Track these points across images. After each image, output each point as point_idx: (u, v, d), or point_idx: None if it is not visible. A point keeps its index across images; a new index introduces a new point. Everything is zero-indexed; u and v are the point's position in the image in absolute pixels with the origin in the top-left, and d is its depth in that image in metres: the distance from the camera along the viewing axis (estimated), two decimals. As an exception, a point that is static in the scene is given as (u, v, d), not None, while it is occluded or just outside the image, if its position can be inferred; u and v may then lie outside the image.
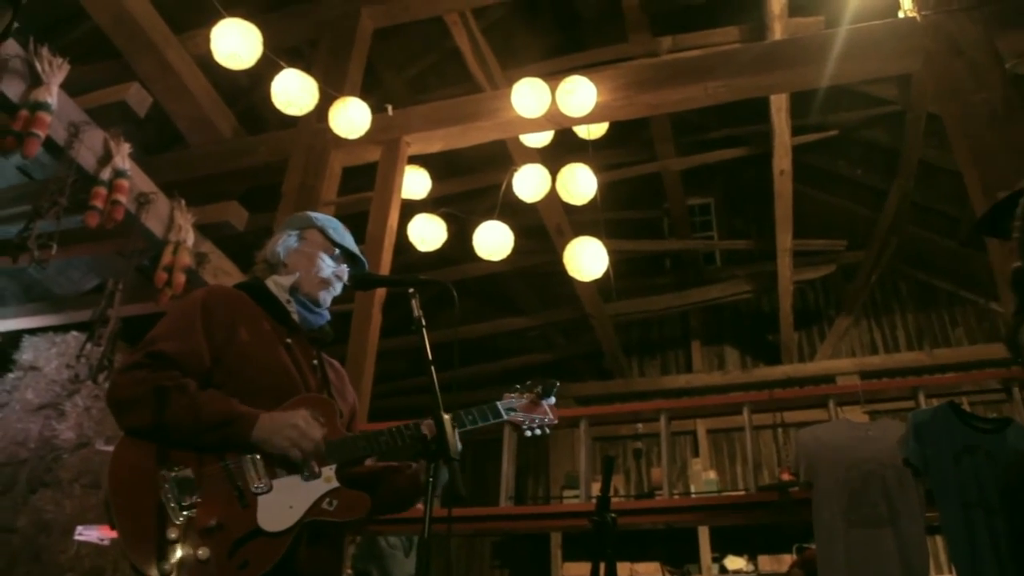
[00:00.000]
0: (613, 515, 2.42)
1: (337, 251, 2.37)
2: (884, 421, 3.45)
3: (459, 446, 2.03)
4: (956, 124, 4.07)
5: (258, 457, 1.94)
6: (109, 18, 4.98)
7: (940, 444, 3.09)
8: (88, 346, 4.65)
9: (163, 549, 1.78)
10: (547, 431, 2.36)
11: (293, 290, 2.28)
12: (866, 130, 7.56)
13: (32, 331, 6.37)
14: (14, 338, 6.36)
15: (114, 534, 1.84)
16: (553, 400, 2.41)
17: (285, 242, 2.33)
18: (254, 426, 1.93)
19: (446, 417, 1.92)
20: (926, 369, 7.81)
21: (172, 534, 1.80)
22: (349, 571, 4.78)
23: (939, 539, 6.18)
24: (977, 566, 2.82)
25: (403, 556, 4.92)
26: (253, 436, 1.92)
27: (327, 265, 2.33)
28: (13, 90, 3.75)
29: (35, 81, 3.81)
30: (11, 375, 6.26)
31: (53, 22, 5.50)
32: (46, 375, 6.19)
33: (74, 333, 6.23)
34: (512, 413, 2.31)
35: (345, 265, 2.38)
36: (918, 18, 4.29)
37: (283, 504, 1.91)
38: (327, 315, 2.36)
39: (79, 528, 4.86)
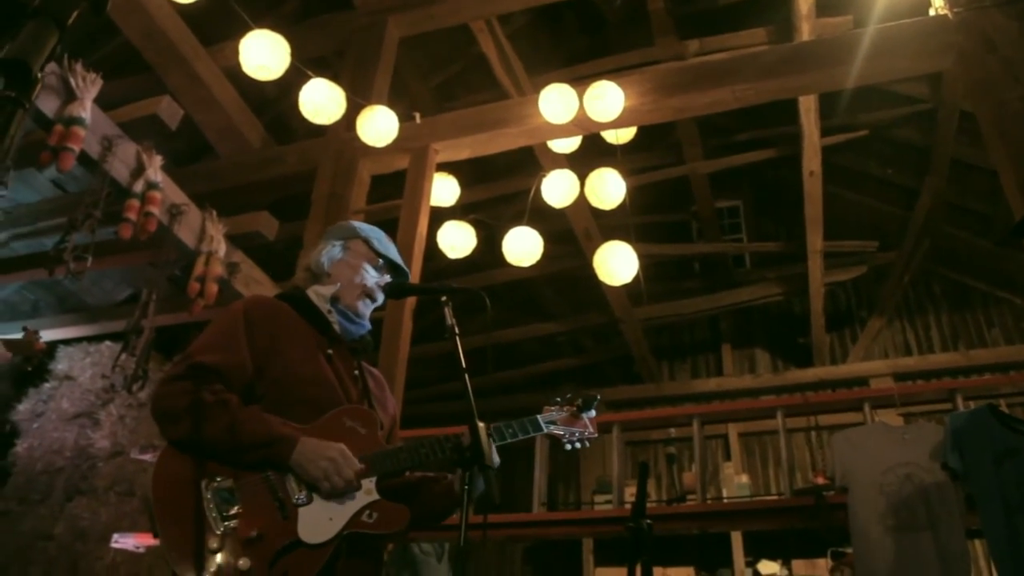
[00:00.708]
0: (649, 521, 2.41)
1: (381, 262, 2.38)
2: (920, 424, 3.40)
3: (496, 459, 2.03)
4: (990, 122, 4.01)
5: None
6: (140, 33, 5.04)
7: (980, 448, 3.04)
8: (123, 356, 4.70)
9: (205, 558, 1.80)
10: (587, 444, 2.35)
11: (334, 300, 2.29)
12: (897, 129, 7.47)
13: (67, 341, 6.45)
14: (49, 348, 6.44)
15: (150, 541, 1.86)
16: (593, 413, 2.39)
17: (329, 252, 2.35)
18: (293, 450, 1.94)
19: (481, 424, 1.91)
20: (961, 370, 7.70)
21: (214, 544, 1.82)
22: (382, 578, 4.79)
23: (979, 543, 6.09)
24: (1021, 571, 2.77)
25: (436, 562, 4.92)
26: (292, 460, 1.93)
27: (371, 276, 2.34)
28: (48, 106, 3.80)
29: (69, 96, 3.86)
30: (47, 385, 6.34)
31: (85, 37, 5.58)
32: (81, 384, 6.26)
33: (108, 343, 6.30)
34: (552, 426, 2.30)
35: (388, 276, 2.39)
36: (949, 15, 4.22)
37: (323, 516, 1.92)
38: (368, 325, 2.37)
39: (115, 536, 4.90)
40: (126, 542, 4.90)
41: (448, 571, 5.03)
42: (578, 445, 2.34)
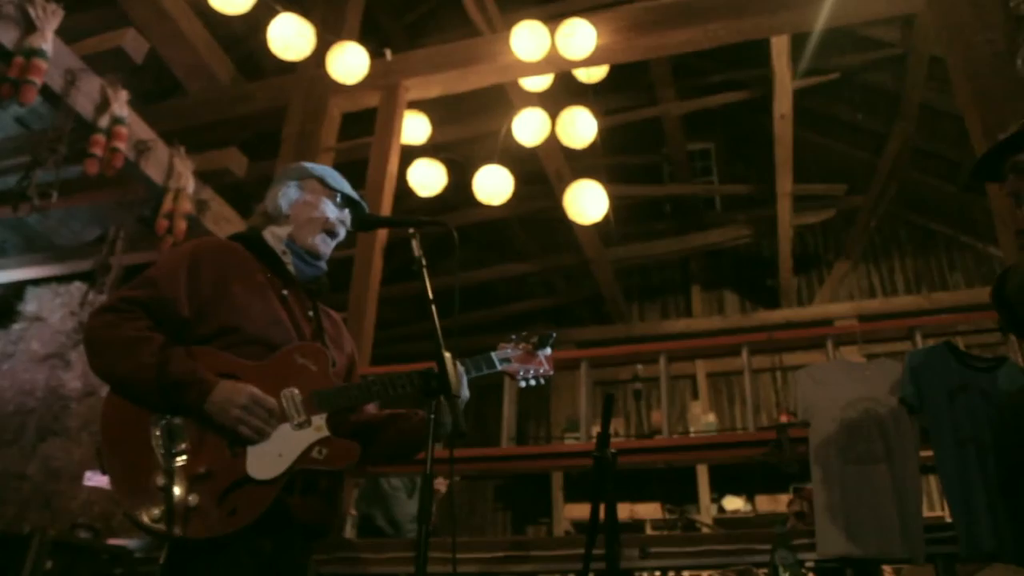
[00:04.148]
0: (613, 452, 2.47)
1: (338, 197, 2.36)
2: (881, 361, 3.47)
3: (466, 393, 2.06)
4: (959, 65, 4.04)
5: None
6: (102, -37, 4.92)
7: (935, 383, 3.12)
8: (91, 294, 4.68)
9: (153, 495, 1.80)
10: (542, 382, 2.36)
11: (291, 241, 2.27)
12: (867, 74, 7.48)
13: (35, 282, 6.38)
14: (18, 289, 6.38)
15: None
16: (549, 351, 2.40)
17: (286, 193, 2.32)
18: (207, 397, 1.90)
19: (447, 355, 1.92)
20: (924, 313, 7.81)
21: (162, 481, 1.81)
22: (353, 513, 4.85)
23: (932, 478, 6.28)
24: (968, 501, 2.88)
25: (405, 497, 4.98)
26: (205, 407, 1.90)
27: (330, 211, 2.32)
28: (7, 37, 3.72)
29: (29, 28, 3.78)
30: (16, 326, 6.28)
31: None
32: (51, 325, 6.20)
33: (77, 284, 6.23)
34: (506, 364, 2.31)
35: (347, 210, 2.38)
36: (922, -44, 4.23)
37: (272, 452, 1.92)
38: (324, 266, 2.35)
39: (88, 474, 4.92)
40: (99, 480, 4.92)
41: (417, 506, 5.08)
42: (532, 382, 2.34)
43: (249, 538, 1.86)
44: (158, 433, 1.87)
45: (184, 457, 1.86)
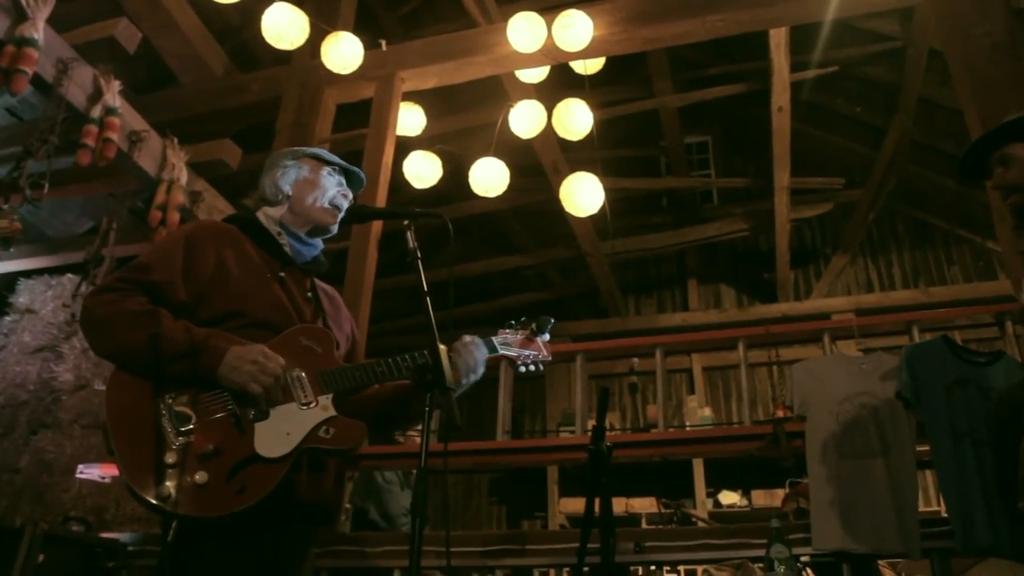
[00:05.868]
0: (609, 446, 2.46)
1: (336, 169, 2.37)
2: (878, 355, 3.46)
3: (482, 369, 2.12)
4: (958, 58, 4.01)
5: None
6: (94, -48, 4.87)
7: (933, 377, 3.11)
8: (83, 286, 4.65)
9: (161, 474, 1.80)
10: (541, 367, 2.38)
11: (284, 223, 2.28)
12: (866, 67, 7.45)
13: (27, 274, 6.35)
14: (9, 281, 6.35)
15: (115, 471, 1.85)
16: (547, 337, 2.42)
17: (285, 174, 2.32)
18: (222, 359, 1.91)
19: (442, 347, 1.92)
20: (921, 307, 7.81)
21: (170, 459, 1.82)
22: (347, 506, 4.84)
23: (928, 473, 6.27)
24: (965, 496, 2.87)
25: (399, 491, 4.98)
26: (219, 371, 1.91)
27: (332, 184, 2.33)
28: (-2, 26, 3.69)
29: (20, 16, 3.75)
30: (8, 318, 6.25)
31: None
32: (43, 317, 6.17)
33: (69, 276, 6.20)
34: (506, 348, 2.33)
35: (344, 180, 2.39)
36: (921, -52, 4.20)
37: (280, 431, 1.93)
38: (320, 245, 2.36)
39: (80, 467, 4.90)
40: (91, 473, 4.89)
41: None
42: (532, 367, 2.37)
43: (252, 525, 1.86)
44: (165, 411, 1.88)
45: (192, 435, 1.87)
